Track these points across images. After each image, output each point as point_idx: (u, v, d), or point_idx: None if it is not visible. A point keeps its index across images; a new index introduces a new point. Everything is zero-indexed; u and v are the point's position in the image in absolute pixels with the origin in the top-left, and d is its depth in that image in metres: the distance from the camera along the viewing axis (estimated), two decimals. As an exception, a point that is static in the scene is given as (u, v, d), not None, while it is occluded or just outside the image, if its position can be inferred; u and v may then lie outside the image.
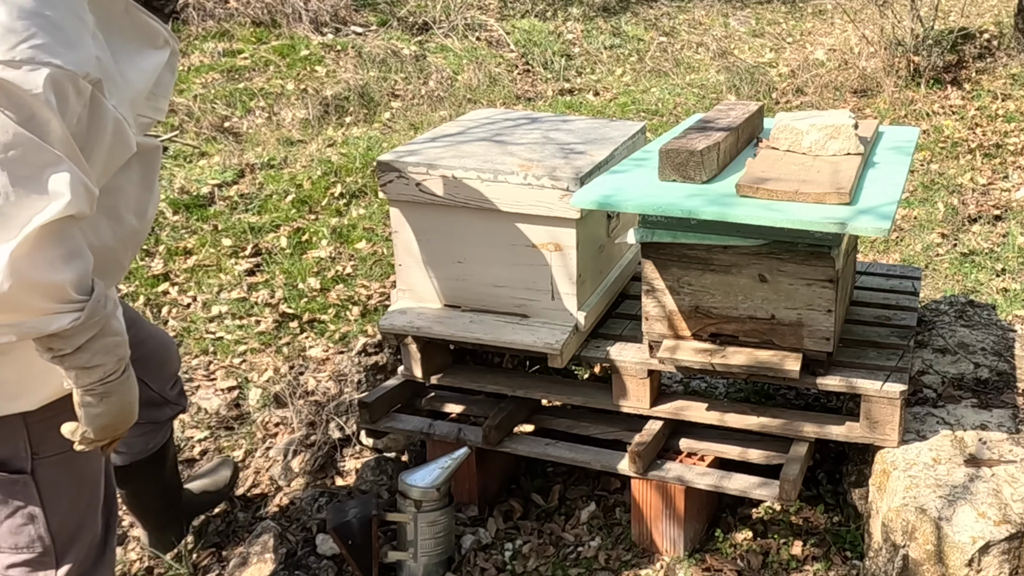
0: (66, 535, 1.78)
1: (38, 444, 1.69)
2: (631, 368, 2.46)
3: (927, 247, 4.34)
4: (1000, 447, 2.29)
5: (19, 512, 1.72)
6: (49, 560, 1.77)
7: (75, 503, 1.78)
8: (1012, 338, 2.86)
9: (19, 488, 1.70)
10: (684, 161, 2.26)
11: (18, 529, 1.74)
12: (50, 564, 1.77)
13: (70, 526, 1.79)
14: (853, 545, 2.46)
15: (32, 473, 1.69)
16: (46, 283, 1.40)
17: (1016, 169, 5.06)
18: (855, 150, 2.37)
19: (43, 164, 1.37)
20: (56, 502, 1.74)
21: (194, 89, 5.63)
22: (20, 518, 1.73)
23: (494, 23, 7.11)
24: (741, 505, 2.65)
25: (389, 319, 2.58)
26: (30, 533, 1.74)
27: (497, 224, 2.47)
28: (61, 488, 1.74)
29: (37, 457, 1.69)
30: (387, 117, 5.78)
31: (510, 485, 2.78)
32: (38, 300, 1.41)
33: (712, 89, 6.42)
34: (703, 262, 2.34)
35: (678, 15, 8.11)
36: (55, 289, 1.42)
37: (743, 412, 2.47)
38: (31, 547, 1.76)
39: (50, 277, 1.41)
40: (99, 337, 1.51)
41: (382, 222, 4.41)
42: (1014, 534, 2.04)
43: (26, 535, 1.74)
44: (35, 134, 1.36)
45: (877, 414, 2.30)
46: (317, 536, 2.49)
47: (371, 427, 2.67)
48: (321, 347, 3.55)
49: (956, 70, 6.15)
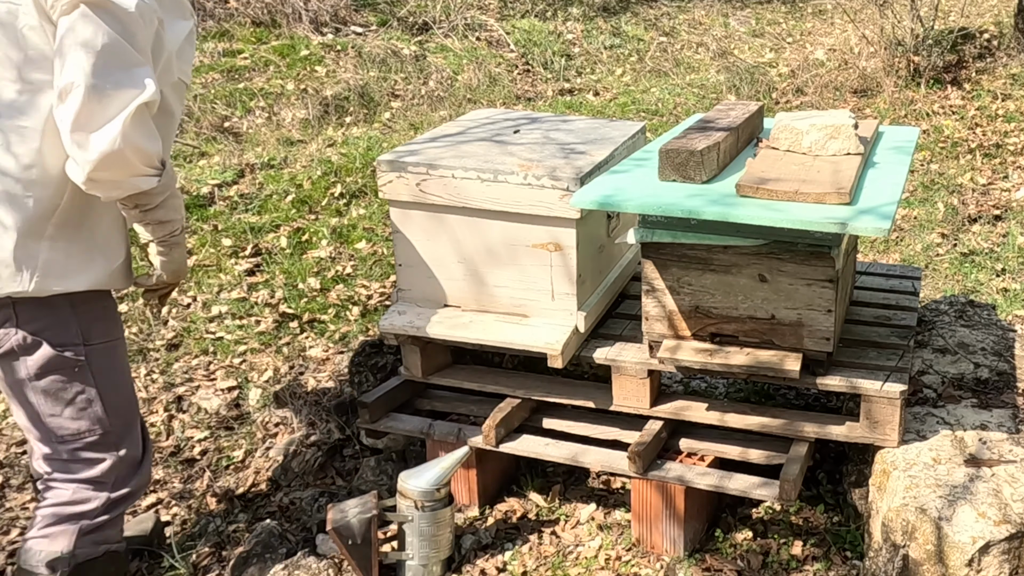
0: (120, 422, 2.07)
1: (87, 332, 1.99)
2: (631, 368, 2.46)
3: (927, 247, 4.34)
4: (1000, 447, 2.29)
5: (79, 397, 1.99)
6: (110, 441, 2.05)
7: (123, 390, 2.08)
8: (1012, 338, 2.86)
9: (77, 372, 1.98)
10: (684, 161, 2.26)
11: (79, 413, 2.01)
12: (112, 445, 2.05)
13: (123, 413, 2.08)
14: (853, 545, 2.46)
15: (86, 358, 1.98)
16: (144, 149, 1.84)
17: (1016, 169, 5.07)
18: (855, 150, 2.37)
19: (134, 64, 1.82)
20: (109, 387, 2.03)
21: (194, 89, 5.63)
22: (81, 402, 2.00)
23: (494, 23, 7.11)
24: (741, 505, 2.65)
25: (389, 319, 2.58)
26: (91, 415, 2.01)
27: (497, 224, 2.47)
28: (111, 375, 2.04)
29: (88, 344, 1.98)
30: (387, 117, 5.78)
31: (510, 485, 2.78)
32: (137, 162, 1.84)
33: (712, 89, 6.42)
34: (703, 262, 2.34)
35: (678, 15, 8.11)
36: (148, 156, 1.85)
37: (743, 412, 2.47)
38: (92, 430, 2.02)
39: (146, 145, 1.84)
40: (171, 198, 1.95)
41: (382, 222, 4.42)
42: (1014, 534, 2.04)
43: (88, 418, 2.01)
44: (128, 42, 1.81)
45: (877, 414, 2.30)
46: (317, 536, 2.49)
47: (371, 427, 2.67)
48: (321, 347, 3.55)
49: (956, 70, 6.15)
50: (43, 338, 1.92)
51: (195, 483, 2.91)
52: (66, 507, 2.01)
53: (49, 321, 1.92)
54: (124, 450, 2.06)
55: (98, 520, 2.03)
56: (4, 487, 2.91)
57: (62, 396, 1.98)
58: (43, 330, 1.92)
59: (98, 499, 2.03)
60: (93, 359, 1.98)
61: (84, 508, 2.02)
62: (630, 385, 2.48)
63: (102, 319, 2.01)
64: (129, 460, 2.07)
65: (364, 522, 2.29)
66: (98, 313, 1.99)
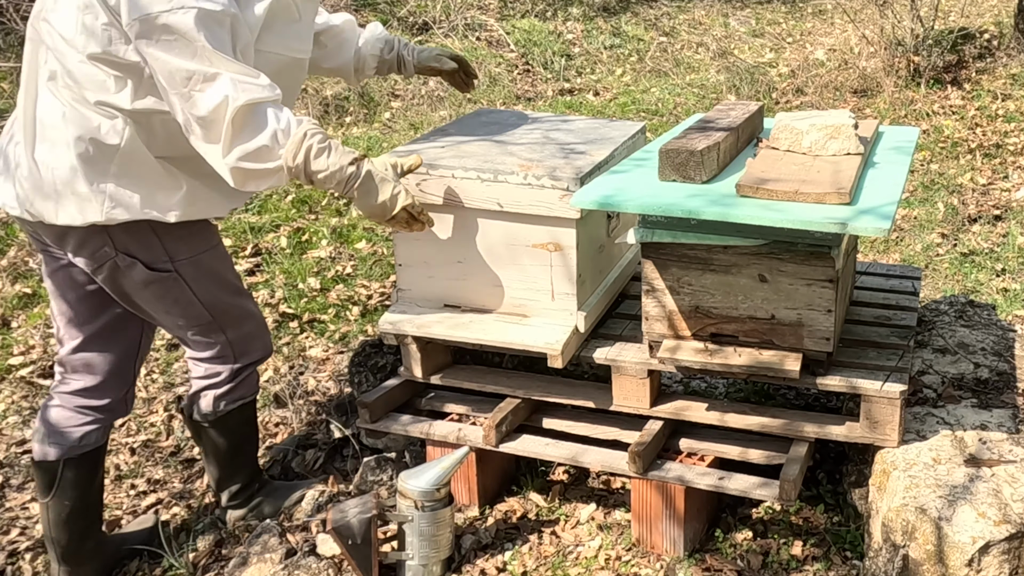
0: (220, 312, 2.38)
1: (173, 251, 2.27)
2: (631, 368, 2.46)
3: (927, 247, 4.34)
4: (1000, 447, 2.29)
5: (179, 300, 2.31)
6: (216, 328, 2.39)
7: (217, 290, 2.36)
8: (1012, 338, 2.86)
9: (172, 283, 2.28)
10: (684, 161, 2.26)
11: (184, 311, 2.33)
12: (218, 330, 2.40)
13: (221, 306, 2.38)
14: (853, 545, 2.46)
15: (176, 271, 2.27)
16: (252, 154, 2.10)
17: (1016, 169, 5.07)
18: (855, 150, 2.37)
19: (209, 79, 2.02)
20: (203, 290, 2.32)
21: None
22: (182, 303, 2.32)
23: (494, 23, 7.11)
24: (741, 505, 2.65)
25: (389, 319, 2.58)
26: (192, 312, 2.33)
27: (497, 224, 2.47)
28: (202, 281, 2.33)
29: (175, 260, 2.27)
30: (387, 117, 5.78)
31: (510, 485, 2.78)
32: (255, 165, 2.10)
33: (712, 89, 6.42)
34: (703, 262, 2.34)
35: (678, 15, 8.11)
36: (258, 155, 2.10)
37: (743, 412, 2.47)
38: (198, 322, 2.36)
39: (252, 150, 2.09)
40: (308, 164, 2.13)
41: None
42: (1014, 534, 2.04)
43: (190, 315, 2.34)
44: (199, 61, 2.01)
45: (877, 414, 2.30)
46: (317, 536, 2.49)
47: (371, 427, 2.67)
48: (321, 347, 3.55)
49: (956, 70, 6.15)
50: (137, 258, 2.23)
51: (195, 483, 2.91)
52: (203, 380, 2.46)
53: (138, 244, 2.23)
54: (230, 332, 2.41)
55: (227, 387, 2.46)
56: (4, 487, 2.91)
57: (165, 301, 2.31)
58: (135, 252, 2.23)
59: (225, 370, 2.45)
60: (183, 271, 2.29)
61: (215, 380, 2.45)
62: (630, 385, 2.48)
63: (184, 238, 2.28)
64: (239, 338, 2.43)
65: (364, 522, 2.30)
66: (179, 234, 2.26)
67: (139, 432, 3.15)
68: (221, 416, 2.50)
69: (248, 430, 2.61)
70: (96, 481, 2.45)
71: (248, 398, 2.54)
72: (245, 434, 2.60)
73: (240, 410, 2.53)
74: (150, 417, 3.23)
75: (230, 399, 2.49)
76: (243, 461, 2.62)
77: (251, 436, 2.63)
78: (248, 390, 2.53)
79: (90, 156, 2.12)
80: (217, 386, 2.47)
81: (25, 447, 3.08)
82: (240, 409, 2.52)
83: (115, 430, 3.16)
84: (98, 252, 2.22)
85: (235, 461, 2.60)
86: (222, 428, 2.52)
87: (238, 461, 2.60)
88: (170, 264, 2.27)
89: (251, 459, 2.65)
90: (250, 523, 2.61)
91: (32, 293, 3.90)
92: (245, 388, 2.52)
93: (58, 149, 2.12)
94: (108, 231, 2.20)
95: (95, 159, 2.13)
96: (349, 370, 3.06)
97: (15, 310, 3.82)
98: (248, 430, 2.61)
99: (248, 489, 2.64)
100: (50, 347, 3.59)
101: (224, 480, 2.62)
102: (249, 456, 2.64)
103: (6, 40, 5.90)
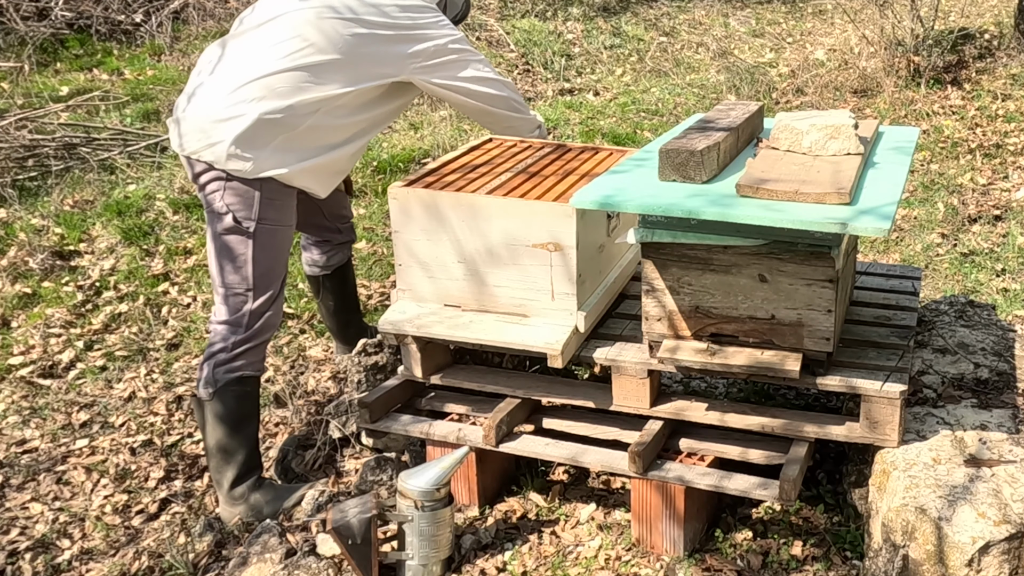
0: (262, 284, 2.59)
1: (263, 212, 2.54)
2: (631, 368, 2.46)
3: (927, 247, 4.34)
4: (1000, 447, 2.29)
5: (240, 257, 2.56)
6: (249, 296, 2.59)
7: (272, 264, 2.60)
8: (1012, 338, 2.86)
9: (245, 239, 2.54)
10: (684, 161, 2.26)
11: (237, 270, 2.57)
12: (249, 299, 2.59)
13: (266, 280, 2.60)
14: (853, 545, 2.46)
15: (254, 231, 2.54)
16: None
17: (1016, 169, 5.06)
18: (855, 150, 2.37)
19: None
20: (262, 258, 2.57)
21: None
22: (240, 261, 2.56)
23: (494, 23, 7.11)
24: (741, 505, 2.65)
25: (389, 319, 2.58)
26: (243, 274, 2.57)
27: (497, 224, 2.47)
28: (268, 250, 2.58)
29: (259, 222, 2.55)
30: (387, 117, 5.77)
31: (510, 485, 2.78)
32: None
33: (712, 89, 6.42)
34: (703, 262, 2.34)
35: (678, 15, 8.11)
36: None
37: (743, 412, 2.47)
38: (241, 284, 2.57)
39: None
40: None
41: (382, 222, 4.42)
42: (1014, 534, 2.04)
43: (240, 274, 2.57)
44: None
45: (877, 414, 2.30)
46: (317, 536, 2.49)
47: (371, 427, 2.67)
48: (321, 347, 3.55)
49: (956, 70, 6.15)
50: (232, 210, 2.52)
51: (195, 483, 2.91)
52: (212, 346, 2.61)
53: (241, 200, 2.52)
54: (257, 303, 2.59)
55: (227, 354, 2.59)
56: (4, 487, 2.91)
57: (230, 253, 2.56)
58: (233, 204, 2.52)
59: (231, 339, 2.59)
60: (258, 233, 2.55)
61: (220, 347, 2.59)
62: (630, 385, 2.48)
63: (279, 208, 2.58)
64: (258, 312, 2.60)
65: (364, 522, 2.30)
66: (277, 203, 2.57)
67: (139, 432, 3.15)
68: (220, 388, 2.58)
69: (247, 409, 2.65)
70: (348, 286, 3.22)
71: (246, 372, 2.62)
72: (244, 413, 2.64)
73: (239, 382, 2.60)
74: (150, 417, 3.23)
75: (228, 368, 2.58)
76: (242, 441, 2.63)
77: (249, 417, 2.66)
78: (247, 364, 2.62)
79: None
80: (219, 353, 2.59)
81: (26, 446, 3.08)
82: (239, 381, 2.60)
83: (115, 430, 3.16)
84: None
85: (233, 440, 2.62)
86: (221, 402, 2.59)
87: (236, 441, 2.62)
88: (253, 223, 2.54)
89: (250, 444, 2.67)
90: (250, 523, 2.61)
91: (32, 293, 3.90)
92: (244, 360, 2.60)
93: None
94: (228, 178, 2.53)
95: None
96: (349, 370, 3.06)
97: (15, 310, 3.82)
98: (247, 409, 2.65)
99: (247, 477, 2.65)
100: (50, 347, 3.59)
101: (222, 464, 2.63)
102: (248, 439, 2.66)
103: (6, 40, 5.89)
